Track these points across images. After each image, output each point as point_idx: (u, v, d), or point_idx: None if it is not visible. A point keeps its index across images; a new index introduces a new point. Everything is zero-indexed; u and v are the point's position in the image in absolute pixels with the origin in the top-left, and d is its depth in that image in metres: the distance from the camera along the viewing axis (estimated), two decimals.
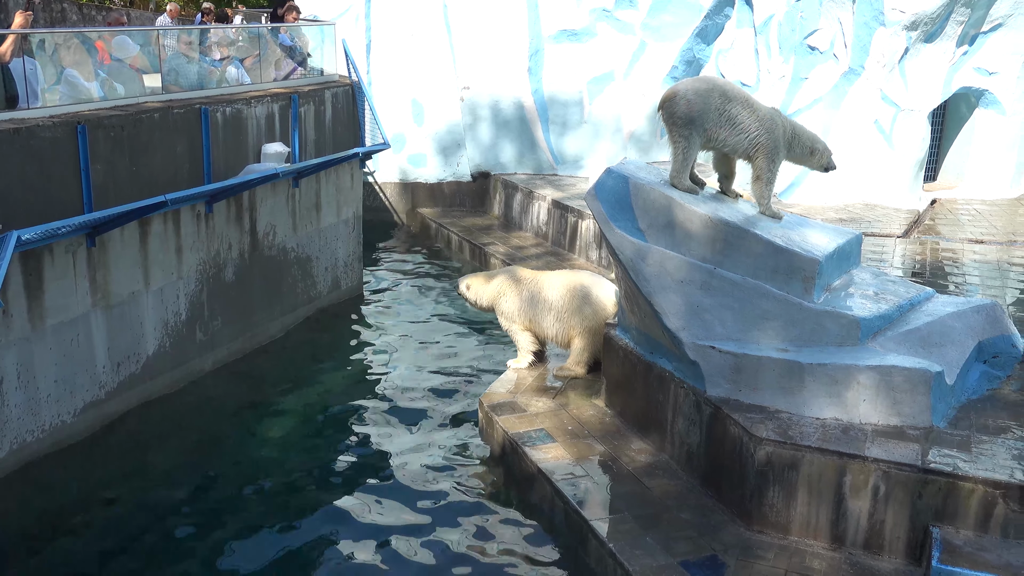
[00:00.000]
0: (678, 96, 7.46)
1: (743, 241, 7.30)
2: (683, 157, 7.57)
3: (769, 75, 15.29)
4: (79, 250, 9.06)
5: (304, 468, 9.11)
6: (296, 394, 10.77)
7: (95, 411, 9.50)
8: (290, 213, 12.51)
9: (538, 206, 16.40)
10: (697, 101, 7.40)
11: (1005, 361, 7.51)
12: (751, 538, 6.67)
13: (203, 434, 9.74)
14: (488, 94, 18.03)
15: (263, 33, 13.88)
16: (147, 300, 10.07)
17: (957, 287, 9.72)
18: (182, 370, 10.69)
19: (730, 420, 6.95)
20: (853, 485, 6.39)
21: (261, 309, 12.06)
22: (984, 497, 6.10)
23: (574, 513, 7.12)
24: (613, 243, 7.70)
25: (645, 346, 8.09)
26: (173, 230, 10.34)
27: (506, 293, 9.56)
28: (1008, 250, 11.39)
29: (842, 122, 13.95)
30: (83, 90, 10.22)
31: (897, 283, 8.01)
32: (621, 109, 18.01)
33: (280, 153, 12.09)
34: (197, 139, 10.89)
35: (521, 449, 8.01)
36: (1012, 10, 13.55)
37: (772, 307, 7.21)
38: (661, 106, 7.59)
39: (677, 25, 17.45)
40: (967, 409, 7.14)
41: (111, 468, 8.97)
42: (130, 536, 7.87)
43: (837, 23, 13.94)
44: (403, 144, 18.16)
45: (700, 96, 7.43)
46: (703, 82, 7.63)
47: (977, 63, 14.08)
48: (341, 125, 14.14)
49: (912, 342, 7.08)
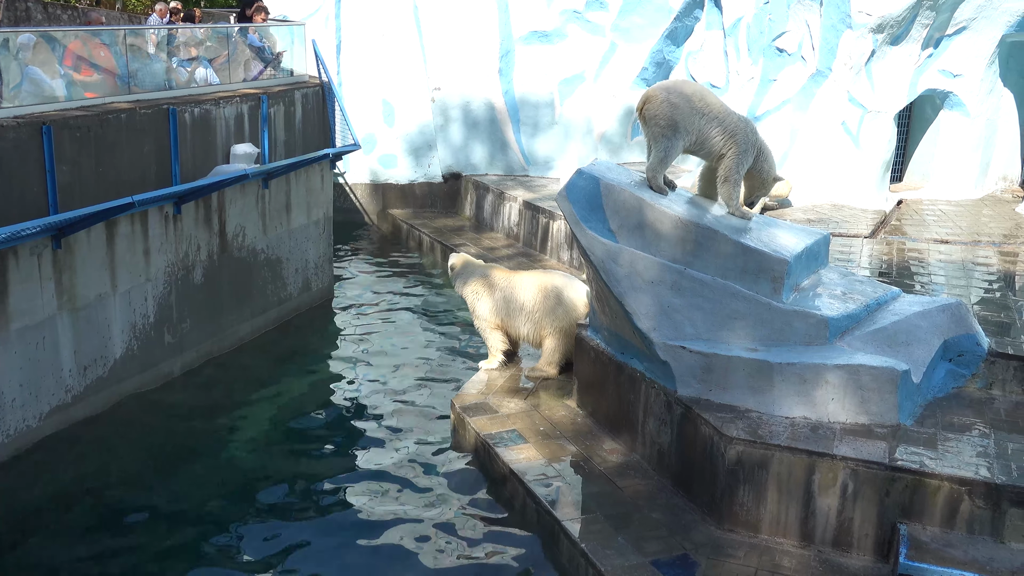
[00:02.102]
0: (661, 98, 7.48)
1: (712, 242, 7.35)
2: (663, 156, 7.59)
3: (738, 77, 15.40)
4: (44, 252, 8.94)
5: (274, 471, 9.05)
6: (266, 396, 10.69)
7: (61, 415, 9.37)
8: (260, 214, 12.42)
9: (509, 207, 16.40)
10: (681, 103, 7.46)
11: (970, 360, 7.61)
12: (722, 537, 6.71)
13: (172, 438, 9.65)
14: (459, 95, 18.01)
15: (232, 33, 13.77)
16: (114, 303, 9.95)
17: (923, 286, 9.84)
18: (151, 373, 10.58)
19: (700, 420, 7.00)
20: (822, 483, 6.46)
21: (231, 311, 11.96)
22: (950, 494, 6.18)
23: (546, 513, 7.13)
24: (584, 244, 7.72)
25: (616, 346, 8.12)
26: (141, 232, 10.23)
27: (480, 293, 9.58)
28: (972, 250, 11.55)
29: (810, 123, 14.08)
30: (47, 89, 10.08)
31: (864, 283, 8.10)
32: (592, 110, 18.06)
33: (249, 154, 11.99)
34: (165, 140, 10.77)
35: (493, 450, 8.02)
36: (976, 14, 13.74)
37: (742, 307, 7.27)
38: (641, 107, 7.60)
39: (647, 27, 17.53)
40: (933, 407, 7.24)
41: (77, 472, 8.86)
42: (95, 540, 7.78)
43: (805, 25, 14.07)
44: (374, 145, 18.09)
45: (684, 99, 7.49)
46: (683, 84, 7.72)
47: (942, 65, 14.26)
48: (311, 126, 14.06)
49: (879, 341, 7.17)
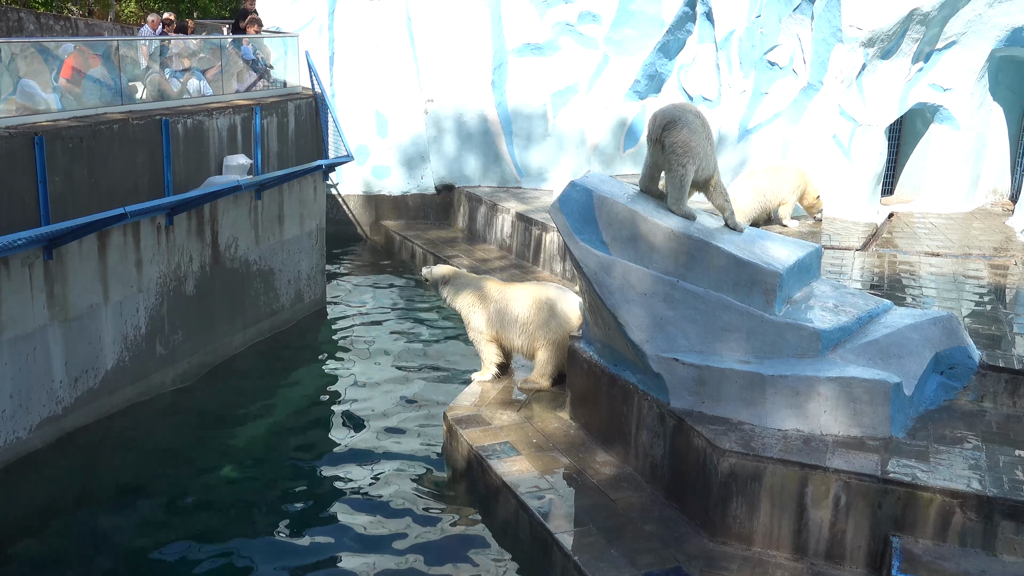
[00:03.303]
0: (679, 123, 7.33)
1: (705, 254, 7.36)
2: (681, 184, 7.51)
3: (730, 90, 15.47)
4: (36, 263, 8.91)
5: (265, 483, 9.02)
6: (258, 408, 10.66)
7: (52, 426, 9.33)
8: (252, 226, 12.41)
9: (502, 219, 16.42)
10: (699, 130, 7.38)
11: (961, 372, 7.63)
12: (715, 549, 6.71)
13: (163, 450, 9.61)
14: (452, 107, 18.05)
15: (225, 45, 13.78)
16: (106, 313, 9.92)
17: (914, 299, 9.88)
18: (142, 384, 10.54)
19: (693, 432, 7.00)
20: (815, 496, 6.46)
21: (223, 322, 11.94)
22: (942, 506, 6.19)
23: (539, 526, 7.11)
24: (577, 256, 7.73)
25: (609, 358, 8.13)
26: (133, 243, 10.21)
27: (474, 305, 9.56)
28: (963, 262, 11.60)
29: (801, 137, 14.15)
30: (40, 100, 10.07)
31: (856, 295, 8.12)
32: (585, 122, 18.11)
33: (242, 165, 12.00)
34: (158, 151, 10.77)
35: (486, 462, 8.00)
36: (965, 28, 13.84)
37: (734, 319, 7.28)
38: (657, 134, 7.40)
39: (639, 39, 17.60)
40: (925, 420, 7.26)
41: (67, 484, 8.82)
42: (84, 553, 7.73)
43: (796, 39, 14.16)
44: (367, 156, 18.10)
45: (701, 123, 7.42)
46: (694, 109, 7.59)
47: (932, 79, 14.35)
48: (304, 137, 14.07)
49: (871, 354, 7.19)
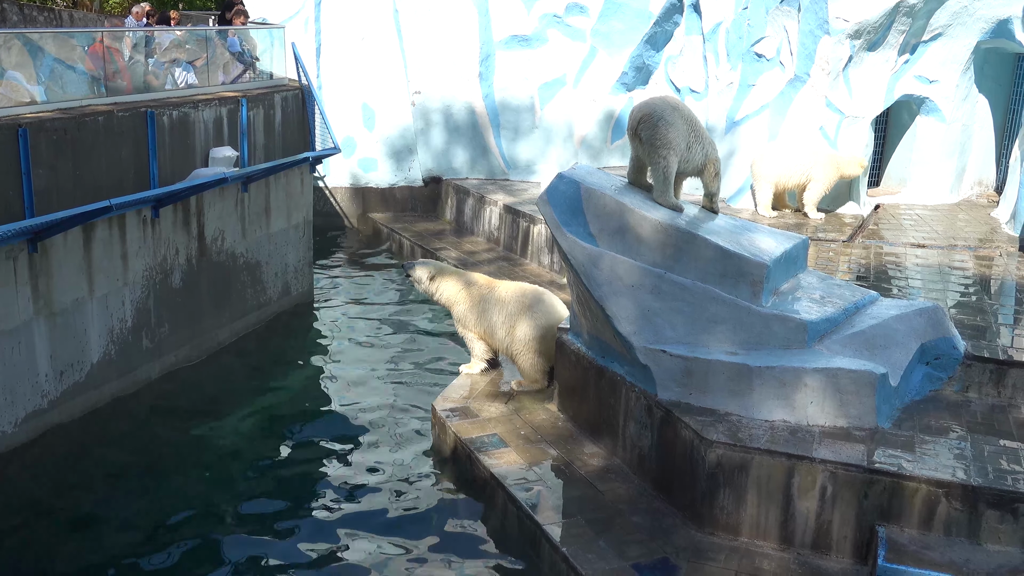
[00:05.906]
0: (652, 117, 7.48)
1: (692, 246, 7.37)
2: (665, 176, 7.62)
3: (717, 82, 15.48)
4: (20, 256, 8.85)
5: (252, 476, 9.00)
6: (246, 401, 10.63)
7: (37, 421, 9.28)
8: (239, 218, 12.36)
9: (490, 211, 16.40)
10: (677, 121, 7.49)
11: (947, 363, 7.68)
12: (702, 540, 6.73)
13: (150, 444, 9.57)
14: (439, 99, 18.00)
15: (211, 36, 13.69)
16: (92, 307, 9.86)
17: (900, 290, 9.92)
18: (128, 378, 10.49)
19: (681, 423, 7.02)
20: (801, 486, 6.49)
21: (209, 315, 11.89)
22: (928, 496, 6.23)
23: (527, 518, 7.12)
24: (565, 248, 7.73)
25: (597, 350, 8.13)
26: (118, 235, 10.15)
27: (461, 299, 9.52)
28: (949, 254, 11.65)
29: (788, 128, 14.18)
30: (24, 93, 9.99)
31: (843, 287, 8.15)
32: (572, 115, 18.10)
33: (228, 157, 11.93)
34: (143, 143, 10.70)
35: (474, 454, 8.00)
36: (951, 20, 13.87)
37: (721, 311, 7.29)
38: (636, 128, 7.57)
39: (627, 32, 17.58)
40: (911, 410, 7.30)
41: (53, 478, 8.77)
42: (70, 548, 7.70)
43: (783, 31, 14.18)
44: (354, 149, 18.03)
45: (679, 115, 7.54)
46: (671, 101, 7.74)
47: (918, 71, 14.39)
48: (291, 129, 14.00)
49: (858, 344, 7.22)
